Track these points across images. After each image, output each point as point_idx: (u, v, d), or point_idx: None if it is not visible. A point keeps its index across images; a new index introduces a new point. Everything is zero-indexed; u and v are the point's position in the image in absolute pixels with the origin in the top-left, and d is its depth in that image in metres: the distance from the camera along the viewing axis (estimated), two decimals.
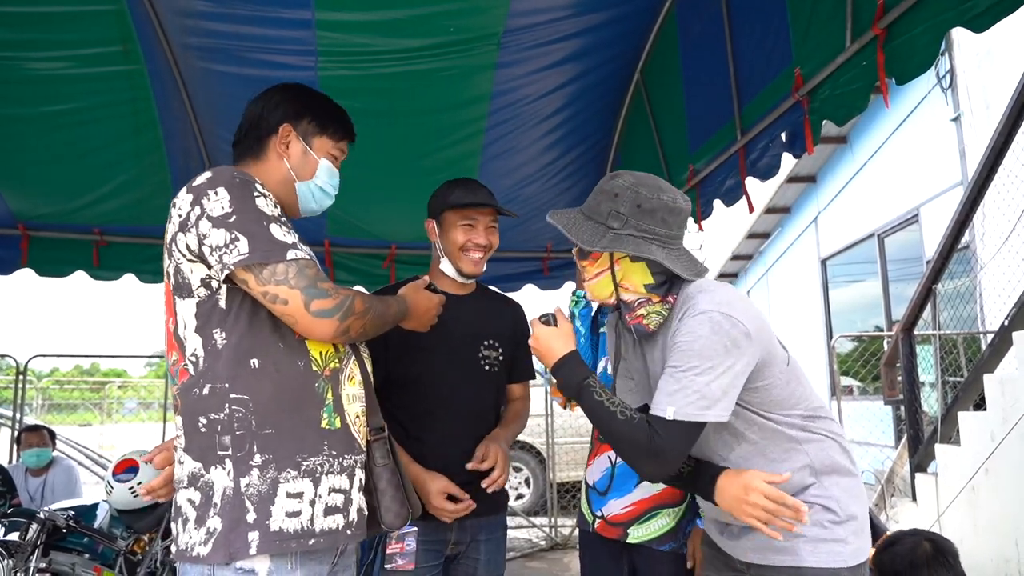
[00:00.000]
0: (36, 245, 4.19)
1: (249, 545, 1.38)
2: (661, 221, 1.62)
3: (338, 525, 1.49)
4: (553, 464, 7.04)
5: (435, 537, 2.08)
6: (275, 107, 1.66)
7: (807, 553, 1.57)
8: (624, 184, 1.64)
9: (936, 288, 4.84)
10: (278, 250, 1.42)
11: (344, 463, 1.52)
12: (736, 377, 1.51)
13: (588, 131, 4.07)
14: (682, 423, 1.48)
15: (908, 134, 7.79)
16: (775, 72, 2.74)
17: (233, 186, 1.45)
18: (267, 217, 1.45)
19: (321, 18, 3.00)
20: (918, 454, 4.69)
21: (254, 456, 1.42)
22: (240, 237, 1.40)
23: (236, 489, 1.40)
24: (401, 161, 3.89)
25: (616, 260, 1.65)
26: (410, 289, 1.81)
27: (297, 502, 1.43)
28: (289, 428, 1.45)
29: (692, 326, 1.52)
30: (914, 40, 2.04)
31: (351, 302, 1.47)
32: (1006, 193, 5.11)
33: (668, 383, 1.52)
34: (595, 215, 1.66)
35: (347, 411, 1.55)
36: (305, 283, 1.42)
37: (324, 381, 1.52)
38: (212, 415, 1.43)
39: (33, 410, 13.85)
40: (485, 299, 2.34)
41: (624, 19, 3.38)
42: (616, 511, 2.13)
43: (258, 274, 1.42)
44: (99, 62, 3.23)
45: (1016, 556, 3.82)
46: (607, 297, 1.70)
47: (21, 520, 3.17)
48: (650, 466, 1.52)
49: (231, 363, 1.44)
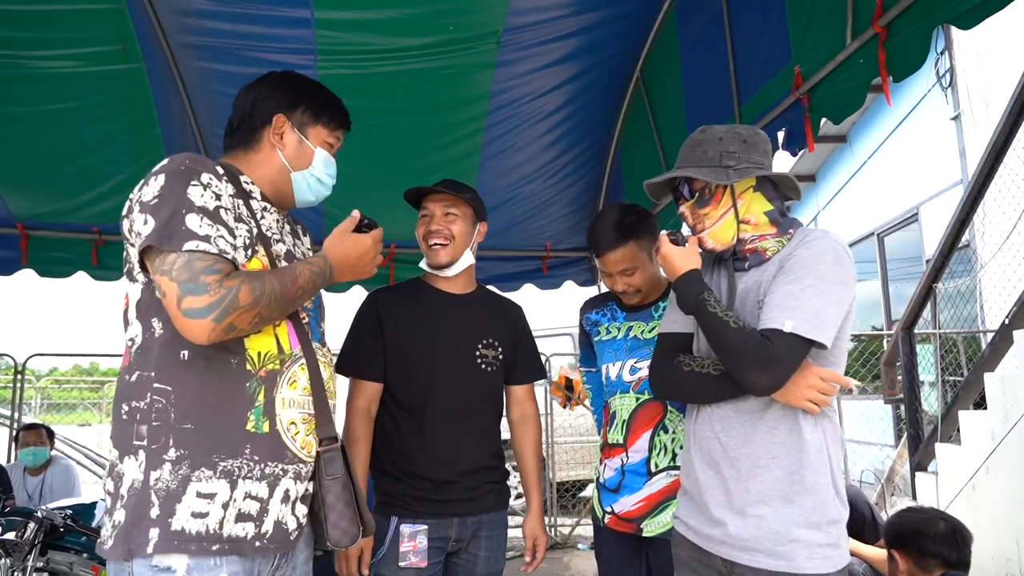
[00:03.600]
0: (35, 245, 4.18)
1: (148, 542, 1.32)
2: (764, 153, 1.70)
3: (247, 534, 1.39)
4: (553, 464, 7.03)
5: (437, 534, 2.08)
6: (268, 97, 1.61)
7: (803, 559, 1.55)
8: (721, 129, 1.72)
9: (936, 287, 4.83)
10: (176, 238, 1.32)
11: (266, 470, 1.42)
12: (841, 312, 1.56)
13: (588, 129, 4.07)
14: (798, 338, 1.51)
15: (908, 133, 7.79)
16: (774, 70, 2.74)
17: (173, 173, 1.39)
18: (189, 205, 1.35)
19: (320, 17, 3.00)
20: (918, 453, 4.69)
21: (169, 450, 1.35)
22: (149, 220, 1.34)
23: (144, 482, 1.34)
24: (400, 160, 3.88)
25: (739, 195, 1.69)
26: (333, 239, 1.59)
27: (207, 503, 1.36)
28: (211, 426, 1.38)
29: (817, 248, 1.59)
30: (909, 38, 2.06)
31: (233, 297, 1.31)
32: (1006, 192, 5.11)
33: (785, 299, 1.54)
34: (705, 162, 1.69)
35: (280, 416, 1.45)
36: (186, 276, 1.30)
37: (257, 382, 1.43)
38: (134, 403, 1.38)
39: (32, 409, 13.84)
40: (485, 299, 2.33)
41: (624, 17, 3.38)
42: (628, 507, 2.14)
43: (152, 261, 1.35)
44: (98, 61, 3.23)
45: (1017, 555, 3.81)
46: (730, 240, 1.72)
47: (18, 519, 3.16)
48: (761, 377, 1.52)
49: (161, 352, 1.39)
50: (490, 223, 2.45)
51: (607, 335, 2.29)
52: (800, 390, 1.56)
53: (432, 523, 2.07)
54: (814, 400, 1.56)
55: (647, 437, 2.14)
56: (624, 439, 2.17)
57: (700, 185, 1.71)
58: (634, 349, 2.20)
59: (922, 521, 2.26)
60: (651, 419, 2.14)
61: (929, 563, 2.19)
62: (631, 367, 2.19)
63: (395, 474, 2.11)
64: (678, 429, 2.12)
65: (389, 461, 2.13)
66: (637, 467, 2.14)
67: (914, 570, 2.22)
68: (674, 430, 2.13)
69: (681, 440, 2.10)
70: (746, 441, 1.63)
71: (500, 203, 4.25)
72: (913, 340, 4.89)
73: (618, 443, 2.19)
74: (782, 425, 1.60)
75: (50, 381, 17.85)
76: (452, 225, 2.16)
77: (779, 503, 1.58)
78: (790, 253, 1.63)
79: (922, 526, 2.23)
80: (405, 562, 2.03)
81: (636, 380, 2.17)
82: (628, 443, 2.16)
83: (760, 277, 1.67)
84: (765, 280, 1.64)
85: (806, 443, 1.58)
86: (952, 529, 2.22)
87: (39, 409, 14.89)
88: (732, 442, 1.64)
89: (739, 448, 1.63)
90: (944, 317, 5.28)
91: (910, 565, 2.22)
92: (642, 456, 2.14)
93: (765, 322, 1.55)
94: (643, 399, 2.16)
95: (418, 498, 2.08)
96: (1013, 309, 4.26)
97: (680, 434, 2.12)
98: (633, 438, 2.16)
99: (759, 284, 1.66)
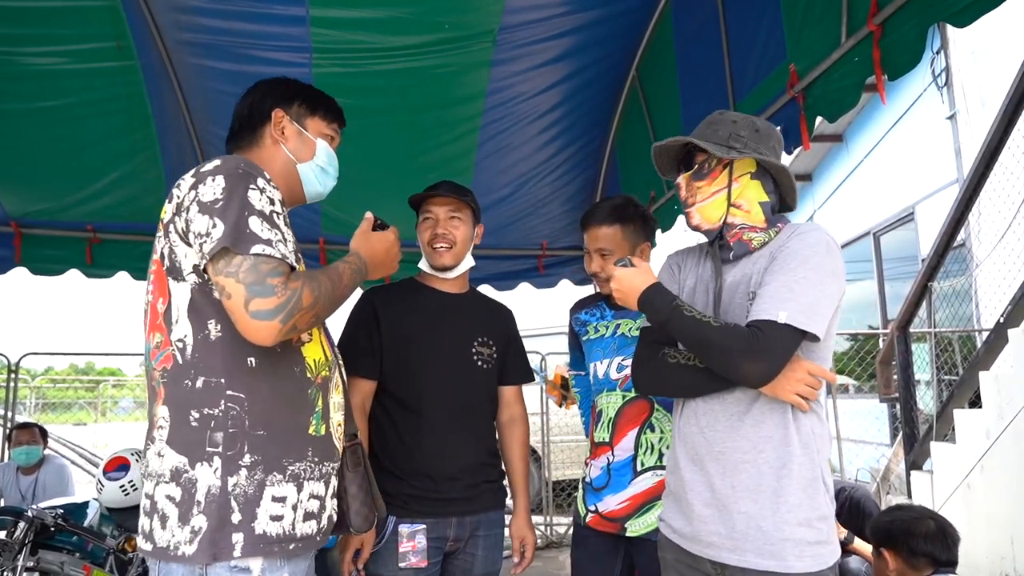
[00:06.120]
0: (28, 243, 4.15)
1: (233, 547, 1.37)
2: (773, 149, 1.71)
3: (313, 531, 1.49)
4: (549, 463, 7.03)
5: (435, 534, 2.09)
6: (264, 96, 1.67)
7: (794, 558, 1.52)
8: (739, 115, 1.73)
9: (932, 286, 4.84)
10: (245, 241, 1.35)
11: (323, 470, 1.52)
12: (833, 304, 1.55)
13: (584, 128, 4.06)
14: (792, 329, 1.49)
15: (904, 132, 7.80)
16: (769, 68, 2.74)
17: (233, 175, 1.41)
18: (251, 208, 1.39)
19: (315, 15, 2.99)
20: (913, 452, 4.69)
21: (244, 456, 1.40)
22: (217, 223, 1.36)
23: (223, 488, 1.38)
24: (395, 159, 3.88)
25: (736, 178, 1.68)
26: (360, 239, 1.69)
27: (281, 506, 1.43)
28: (280, 431, 1.44)
29: (809, 241, 1.59)
30: (904, 35, 2.05)
31: (297, 299, 1.37)
32: (1001, 191, 5.12)
33: (779, 291, 1.53)
34: (713, 138, 1.69)
35: (332, 419, 1.56)
36: (253, 278, 1.34)
37: (316, 388, 1.52)
38: (206, 410, 1.39)
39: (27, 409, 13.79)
40: (478, 300, 2.37)
41: (619, 16, 3.37)
42: (613, 507, 2.14)
43: (217, 263, 1.36)
44: (92, 58, 3.21)
45: (1011, 553, 3.82)
46: (716, 220, 1.70)
47: (8, 518, 3.14)
48: (754, 367, 1.49)
49: (226, 358, 1.41)
50: (486, 222, 2.47)
51: (595, 334, 2.29)
52: (789, 383, 1.54)
53: (431, 523, 2.08)
54: (802, 394, 1.54)
55: (633, 435, 2.14)
56: (610, 437, 2.17)
57: (701, 159, 1.71)
58: (622, 347, 2.21)
59: (912, 520, 2.26)
60: (637, 417, 2.15)
61: (919, 562, 2.20)
62: (618, 364, 2.19)
63: (394, 472, 2.11)
64: (665, 428, 2.12)
65: (387, 459, 2.13)
66: (623, 466, 2.14)
67: (904, 569, 2.23)
68: (661, 429, 2.13)
69: (668, 439, 2.10)
70: (732, 435, 1.60)
71: (496, 202, 4.24)
72: (908, 339, 4.90)
73: (604, 441, 2.18)
74: (769, 419, 1.58)
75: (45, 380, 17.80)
76: (456, 229, 2.20)
77: (766, 499, 1.55)
78: (782, 245, 1.62)
79: (912, 525, 2.24)
80: (405, 562, 2.03)
81: (623, 377, 2.18)
82: (614, 441, 2.16)
83: (750, 269, 1.65)
84: (756, 272, 1.63)
85: (793, 437, 1.56)
86: (941, 528, 2.23)
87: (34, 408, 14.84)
88: (717, 436, 1.62)
89: (724, 442, 1.60)
90: (939, 316, 5.28)
91: (900, 564, 2.23)
92: (628, 454, 2.14)
93: (757, 313, 1.53)
94: (629, 397, 2.16)
95: (417, 497, 2.09)
96: (1008, 308, 4.27)
97: (667, 433, 2.12)
98: (619, 436, 2.16)
99: (749, 276, 1.64)
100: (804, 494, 1.55)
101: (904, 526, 2.25)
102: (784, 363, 1.51)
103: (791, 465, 1.55)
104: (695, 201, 1.72)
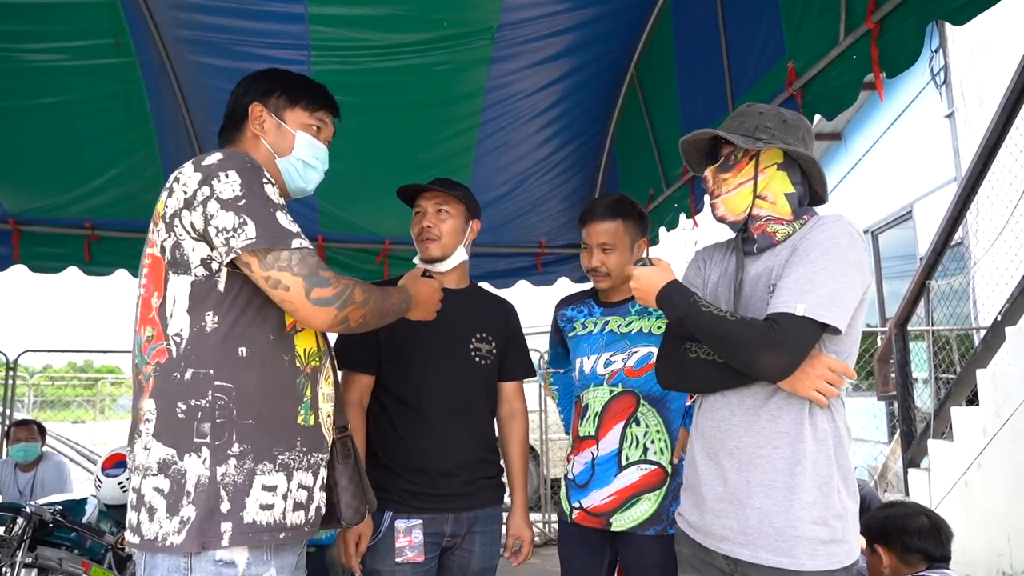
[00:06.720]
0: (27, 240, 4.15)
1: (222, 536, 1.37)
2: (802, 140, 1.68)
3: (302, 521, 1.50)
4: (547, 460, 7.03)
5: (432, 530, 2.09)
6: (245, 91, 1.67)
7: (806, 556, 1.51)
8: (766, 107, 1.71)
9: (929, 284, 4.85)
10: (284, 237, 1.42)
11: (311, 460, 1.53)
12: (856, 297, 1.53)
13: (583, 126, 4.06)
14: (810, 321, 1.47)
15: (902, 131, 7.81)
16: (768, 65, 2.75)
17: (245, 170, 1.44)
18: (274, 204, 1.45)
19: (314, 12, 2.99)
20: (911, 450, 4.70)
21: (232, 445, 1.40)
22: (248, 221, 1.39)
23: (212, 478, 1.38)
24: (394, 156, 3.87)
25: (762, 169, 1.66)
26: (410, 279, 1.81)
27: (271, 495, 1.43)
28: (269, 420, 1.45)
29: (830, 231, 1.55)
30: (902, 33, 2.05)
31: (351, 292, 1.46)
32: (999, 189, 5.13)
33: (798, 283, 1.51)
34: (740, 130, 1.68)
35: (321, 409, 1.57)
36: (307, 271, 1.42)
37: (305, 378, 1.53)
38: (193, 401, 1.40)
39: (25, 406, 13.78)
40: (478, 295, 2.36)
41: (618, 14, 3.37)
42: (598, 502, 2.15)
43: (262, 259, 1.41)
44: (90, 55, 3.21)
45: (1008, 550, 3.83)
46: (741, 212, 1.69)
47: (7, 515, 3.13)
48: (772, 360, 1.47)
49: (218, 349, 1.42)
50: (484, 219, 2.46)
51: (583, 330, 2.30)
52: (809, 379, 1.51)
53: (427, 518, 2.08)
54: (821, 391, 1.51)
55: (619, 429, 2.15)
56: (596, 431, 2.18)
57: (728, 151, 1.70)
58: (610, 343, 2.22)
59: (905, 517, 2.27)
60: (623, 411, 2.16)
61: (913, 558, 2.21)
62: (606, 360, 2.21)
63: (391, 467, 2.11)
64: (650, 423, 2.14)
65: (384, 454, 2.13)
66: (608, 460, 2.15)
67: (898, 565, 2.24)
68: (646, 423, 2.14)
69: (653, 434, 2.13)
70: (748, 429, 1.58)
71: (495, 199, 4.24)
72: (906, 337, 4.91)
73: (590, 435, 2.20)
74: (786, 414, 1.56)
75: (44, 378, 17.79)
76: (443, 223, 2.19)
77: (779, 495, 1.53)
78: (803, 236, 1.60)
79: (906, 522, 2.25)
80: (402, 557, 2.03)
81: (610, 373, 2.19)
82: (600, 435, 2.18)
83: (772, 262, 1.63)
84: (777, 265, 1.60)
85: (810, 433, 1.54)
86: (934, 524, 2.24)
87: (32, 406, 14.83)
88: (733, 430, 1.60)
89: (740, 437, 1.59)
90: (937, 314, 5.29)
91: (893, 560, 2.24)
92: (613, 448, 2.15)
93: (776, 307, 1.50)
94: (616, 392, 2.18)
95: (414, 492, 2.08)
96: (1005, 306, 4.28)
97: (652, 428, 2.14)
98: (605, 430, 2.17)
99: (771, 269, 1.62)
100: (819, 492, 1.53)
101: (897, 522, 2.26)
102: (803, 357, 1.49)
103: (805, 462, 1.53)
104: (720, 192, 1.71)
